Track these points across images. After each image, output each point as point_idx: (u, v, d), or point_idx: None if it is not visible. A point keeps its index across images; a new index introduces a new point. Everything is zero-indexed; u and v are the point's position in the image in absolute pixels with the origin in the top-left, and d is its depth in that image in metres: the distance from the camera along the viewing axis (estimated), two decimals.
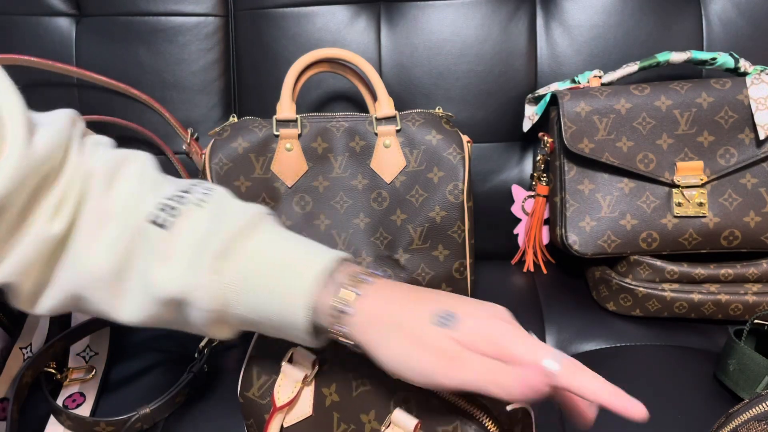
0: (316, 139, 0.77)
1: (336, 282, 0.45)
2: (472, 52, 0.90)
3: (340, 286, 0.45)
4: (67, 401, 0.71)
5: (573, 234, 0.80)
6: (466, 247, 0.78)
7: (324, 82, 0.92)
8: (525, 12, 0.90)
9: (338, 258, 0.47)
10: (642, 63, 0.83)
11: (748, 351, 0.66)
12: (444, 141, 0.77)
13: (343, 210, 0.77)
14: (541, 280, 0.90)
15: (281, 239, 0.48)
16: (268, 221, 0.50)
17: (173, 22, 0.92)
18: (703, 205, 0.78)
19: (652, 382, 0.70)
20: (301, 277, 0.45)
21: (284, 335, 0.48)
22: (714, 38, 0.88)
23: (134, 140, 0.95)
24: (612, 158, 0.79)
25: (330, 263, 0.46)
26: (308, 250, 0.48)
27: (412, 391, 0.48)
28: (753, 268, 0.78)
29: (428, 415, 0.47)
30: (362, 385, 0.51)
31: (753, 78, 0.78)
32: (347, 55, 0.79)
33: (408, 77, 0.91)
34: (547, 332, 0.80)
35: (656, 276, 0.79)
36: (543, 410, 0.68)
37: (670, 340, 0.77)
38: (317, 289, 0.45)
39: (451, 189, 0.76)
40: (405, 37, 0.90)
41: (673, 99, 0.79)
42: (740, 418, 0.54)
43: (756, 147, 0.78)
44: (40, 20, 0.93)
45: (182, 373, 0.71)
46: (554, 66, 0.90)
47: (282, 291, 0.45)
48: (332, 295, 0.45)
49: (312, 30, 0.91)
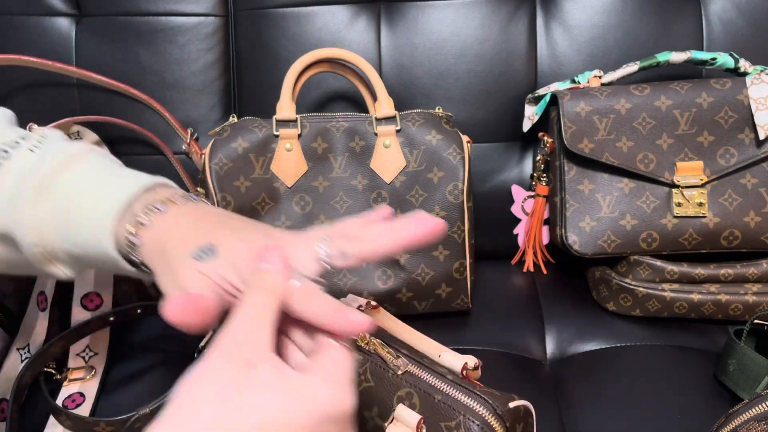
0: (316, 139, 0.77)
1: (132, 211, 0.44)
2: (472, 52, 0.90)
3: (134, 215, 0.43)
4: (66, 401, 0.71)
5: (573, 234, 0.81)
6: (466, 247, 0.78)
7: (324, 82, 0.92)
8: (525, 12, 0.90)
9: (144, 185, 0.45)
10: (642, 63, 0.84)
11: (748, 351, 0.66)
12: (444, 141, 0.77)
13: (343, 210, 0.77)
14: (541, 280, 0.90)
15: (99, 170, 0.47)
16: (92, 155, 0.49)
17: (173, 22, 0.92)
18: (703, 205, 0.78)
19: (652, 382, 0.70)
20: (103, 207, 0.44)
21: (114, 269, 0.46)
22: (714, 38, 0.88)
23: (134, 140, 0.95)
24: (612, 158, 0.79)
25: (131, 191, 0.44)
26: (120, 178, 0.46)
27: (415, 388, 0.48)
28: (753, 268, 0.78)
29: (431, 411, 0.47)
30: (365, 382, 0.51)
31: (753, 78, 0.78)
32: (347, 55, 0.79)
33: (408, 77, 0.91)
34: (547, 332, 0.80)
35: (656, 276, 0.79)
36: (543, 410, 0.68)
37: (670, 340, 0.77)
38: (115, 220, 0.43)
39: (451, 189, 0.76)
40: (405, 37, 0.90)
41: (673, 99, 0.79)
42: (740, 418, 0.54)
43: (756, 147, 0.78)
44: (40, 20, 0.93)
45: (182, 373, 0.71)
46: (554, 66, 0.90)
47: (88, 223, 0.45)
48: (126, 224, 0.43)
49: (312, 30, 0.91)
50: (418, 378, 0.49)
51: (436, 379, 0.49)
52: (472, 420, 0.45)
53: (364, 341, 0.52)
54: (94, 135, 0.94)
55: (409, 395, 0.48)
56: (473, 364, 0.51)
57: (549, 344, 0.79)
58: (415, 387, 0.48)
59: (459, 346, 0.75)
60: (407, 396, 0.48)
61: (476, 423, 0.45)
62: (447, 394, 0.47)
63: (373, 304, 0.57)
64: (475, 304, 0.83)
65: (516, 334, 0.79)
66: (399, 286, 0.77)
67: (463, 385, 0.48)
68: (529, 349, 0.78)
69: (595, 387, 0.71)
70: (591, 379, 0.72)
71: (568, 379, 0.73)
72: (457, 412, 0.46)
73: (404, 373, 0.49)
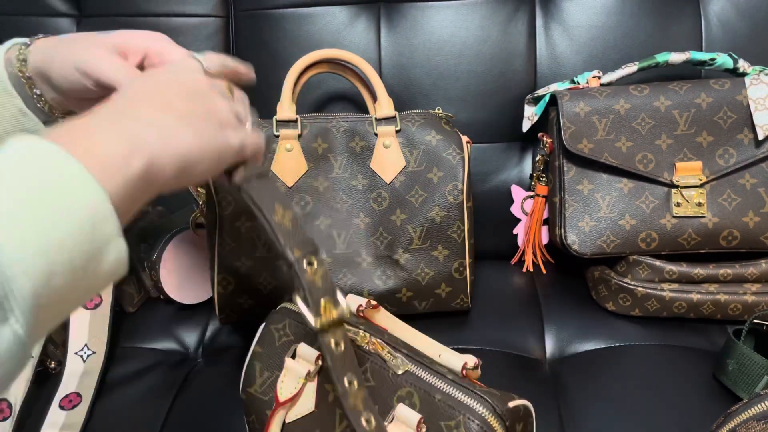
0: (316, 140, 0.77)
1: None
2: (472, 53, 0.90)
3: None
4: (63, 402, 0.71)
5: (572, 234, 0.81)
6: (466, 247, 0.78)
7: (324, 83, 0.92)
8: (524, 13, 0.90)
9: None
10: (641, 63, 0.84)
11: (747, 351, 0.66)
12: (443, 141, 0.77)
13: (343, 210, 0.77)
14: (541, 280, 0.90)
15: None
16: None
17: (174, 23, 0.92)
18: (702, 206, 0.78)
19: (652, 382, 0.70)
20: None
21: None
22: (713, 39, 0.88)
23: None
24: (611, 158, 0.79)
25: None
26: None
27: (415, 387, 0.48)
28: (752, 268, 0.78)
29: (431, 410, 0.47)
30: (365, 381, 0.51)
31: (752, 78, 0.78)
32: (347, 56, 0.79)
33: (408, 78, 0.91)
34: (547, 332, 0.80)
35: (655, 276, 0.80)
36: (543, 409, 0.68)
37: (669, 339, 0.77)
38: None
39: (451, 189, 0.76)
40: (405, 37, 0.90)
41: (672, 99, 0.79)
42: (739, 417, 0.54)
43: (755, 147, 0.78)
44: (41, 21, 0.93)
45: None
46: (553, 66, 0.90)
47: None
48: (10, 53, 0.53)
49: (312, 31, 0.91)
50: (418, 378, 0.49)
51: (436, 379, 0.49)
52: (472, 419, 0.45)
53: (365, 341, 0.52)
54: None
55: (409, 395, 0.49)
56: (473, 363, 0.51)
57: (548, 344, 0.79)
58: (415, 386, 0.48)
59: (459, 346, 0.76)
60: (407, 395, 0.49)
61: (476, 422, 0.45)
62: (447, 394, 0.47)
63: (373, 303, 0.58)
64: (475, 304, 0.83)
65: (515, 333, 0.79)
66: (399, 286, 0.77)
67: (462, 384, 0.48)
68: (528, 348, 0.78)
69: (594, 386, 0.71)
70: (590, 379, 0.72)
71: (567, 378, 0.73)
72: (457, 411, 0.46)
73: (404, 373, 0.49)
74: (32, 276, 0.29)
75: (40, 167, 0.31)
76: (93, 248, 0.32)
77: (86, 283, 0.32)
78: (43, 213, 0.30)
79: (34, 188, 0.30)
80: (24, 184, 0.30)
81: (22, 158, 0.31)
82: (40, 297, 0.29)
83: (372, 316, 0.58)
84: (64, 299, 0.31)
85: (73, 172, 0.32)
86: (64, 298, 0.31)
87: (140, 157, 0.35)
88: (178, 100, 0.41)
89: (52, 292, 0.30)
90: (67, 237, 0.31)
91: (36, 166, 0.31)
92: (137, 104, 0.40)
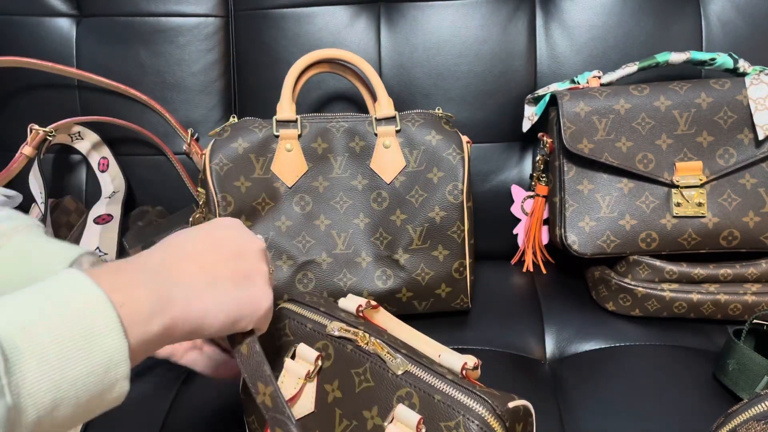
0: (316, 140, 0.77)
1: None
2: (472, 53, 0.90)
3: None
4: None
5: (572, 234, 0.81)
6: (466, 247, 0.78)
7: (324, 83, 0.92)
8: (524, 12, 0.90)
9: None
10: (641, 63, 0.84)
11: (747, 351, 0.66)
12: (443, 141, 0.77)
13: (343, 210, 0.77)
14: (541, 280, 0.90)
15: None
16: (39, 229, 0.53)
17: (173, 23, 0.92)
18: (702, 206, 0.78)
19: (652, 382, 0.70)
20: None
21: None
22: (713, 39, 0.88)
23: (135, 141, 0.95)
24: (611, 158, 0.79)
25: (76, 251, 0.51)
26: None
27: (414, 387, 0.48)
28: (752, 268, 0.78)
29: (431, 411, 0.47)
30: (365, 381, 0.51)
31: (752, 78, 0.78)
32: (347, 56, 0.79)
33: (408, 77, 0.91)
34: (547, 332, 0.80)
35: (655, 276, 0.79)
36: (543, 409, 0.68)
37: (669, 339, 0.77)
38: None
39: (451, 189, 0.76)
40: (405, 37, 0.90)
41: (672, 99, 0.79)
42: (739, 417, 0.54)
43: (755, 147, 0.78)
44: (41, 21, 0.93)
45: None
46: (554, 66, 0.90)
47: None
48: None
49: (312, 30, 0.91)
50: (417, 378, 0.49)
51: (435, 379, 0.49)
52: (472, 420, 0.45)
53: (364, 341, 0.52)
54: (95, 135, 0.94)
55: (408, 395, 0.49)
56: (473, 363, 0.51)
57: (548, 344, 0.79)
58: (414, 387, 0.48)
59: (459, 346, 0.76)
60: (407, 396, 0.49)
61: (476, 423, 0.45)
62: (447, 394, 0.47)
63: (373, 304, 0.58)
64: (475, 304, 0.83)
65: (515, 333, 0.79)
66: (399, 286, 0.77)
67: (462, 384, 0.48)
68: (528, 348, 0.78)
69: (594, 386, 0.71)
70: (590, 379, 0.72)
71: (567, 378, 0.73)
72: (457, 411, 0.46)
73: (404, 373, 0.49)
74: (40, 408, 0.32)
75: (80, 310, 0.34)
76: (100, 389, 0.35)
77: (85, 414, 0.35)
78: (70, 353, 0.33)
79: (70, 328, 0.33)
80: (64, 324, 0.33)
81: (68, 298, 0.34)
82: (41, 424, 0.32)
83: (372, 316, 0.58)
84: (61, 424, 0.34)
85: (108, 323, 0.35)
86: (62, 423, 0.34)
87: (162, 318, 0.38)
88: (219, 261, 0.44)
89: (52, 419, 0.33)
90: (81, 377, 0.33)
91: (78, 307, 0.34)
92: (178, 260, 0.42)
